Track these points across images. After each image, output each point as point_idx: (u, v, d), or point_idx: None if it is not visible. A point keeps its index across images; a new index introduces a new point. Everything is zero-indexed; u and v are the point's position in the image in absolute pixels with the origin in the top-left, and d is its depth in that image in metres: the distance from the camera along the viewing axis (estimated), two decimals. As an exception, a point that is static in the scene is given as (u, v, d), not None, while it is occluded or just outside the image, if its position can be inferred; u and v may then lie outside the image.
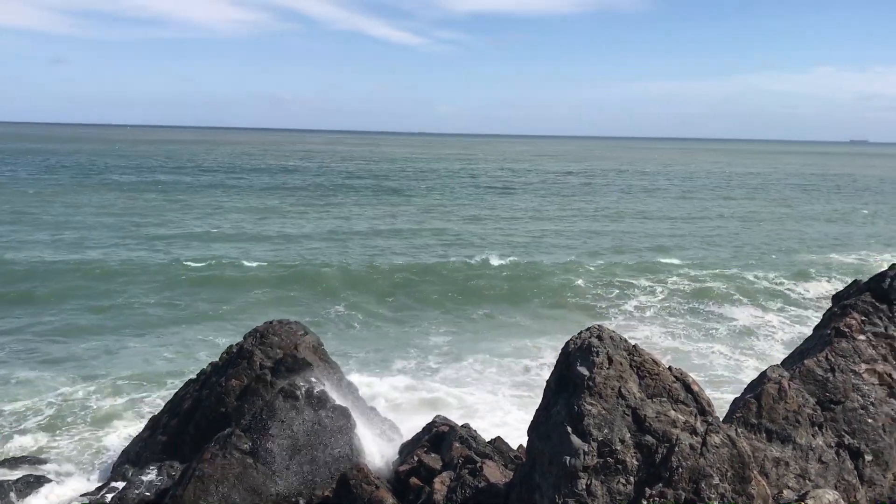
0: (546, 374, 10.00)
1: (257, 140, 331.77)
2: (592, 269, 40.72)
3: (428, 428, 13.76)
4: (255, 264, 39.53)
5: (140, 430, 16.78)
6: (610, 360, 8.90)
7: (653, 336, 28.78)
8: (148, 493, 13.34)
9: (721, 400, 17.09)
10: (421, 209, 68.56)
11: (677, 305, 33.54)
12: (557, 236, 54.34)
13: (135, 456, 15.43)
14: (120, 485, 14.05)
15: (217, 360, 16.43)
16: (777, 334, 29.72)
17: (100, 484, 14.88)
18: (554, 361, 9.69)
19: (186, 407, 15.55)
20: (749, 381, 11.51)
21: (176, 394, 16.62)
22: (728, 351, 27.21)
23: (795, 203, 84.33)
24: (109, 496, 13.48)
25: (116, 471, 15.13)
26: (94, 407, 20.91)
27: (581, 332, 9.48)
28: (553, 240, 52.52)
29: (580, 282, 37.35)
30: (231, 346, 16.34)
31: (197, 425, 15.01)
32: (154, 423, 16.09)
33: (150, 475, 14.11)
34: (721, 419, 9.59)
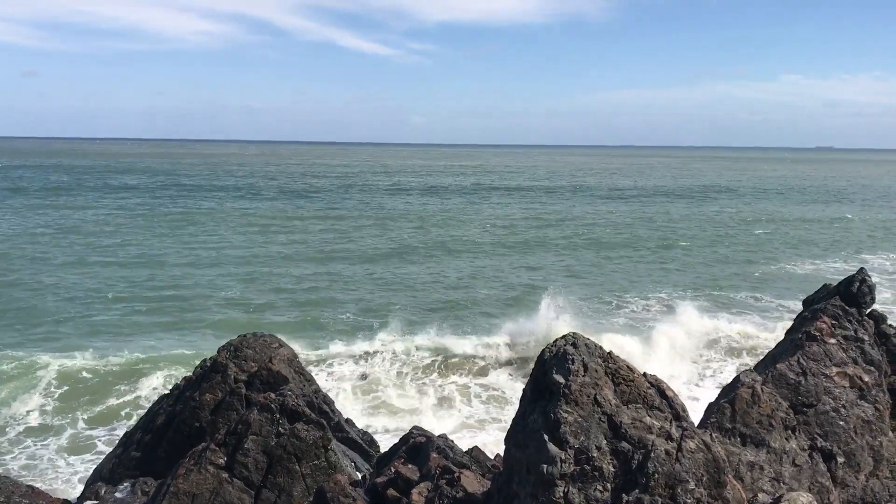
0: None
1: (229, 152, 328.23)
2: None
3: (405, 439, 13.69)
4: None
5: (113, 446, 16.52)
6: (585, 368, 8.92)
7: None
8: (121, 511, 13.14)
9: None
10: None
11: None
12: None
13: (108, 473, 15.18)
14: (93, 503, 13.81)
15: (191, 374, 16.24)
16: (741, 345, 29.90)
17: (73, 502, 14.62)
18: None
19: (160, 422, 15.35)
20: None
21: (149, 409, 16.40)
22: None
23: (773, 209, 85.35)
24: (82, 515, 13.27)
25: (89, 488, 14.87)
26: (63, 426, 20.59)
27: (556, 339, 9.50)
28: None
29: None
30: (205, 360, 16.16)
31: (171, 441, 14.81)
32: (127, 439, 15.86)
33: (124, 492, 13.89)
34: (696, 424, 9.66)
